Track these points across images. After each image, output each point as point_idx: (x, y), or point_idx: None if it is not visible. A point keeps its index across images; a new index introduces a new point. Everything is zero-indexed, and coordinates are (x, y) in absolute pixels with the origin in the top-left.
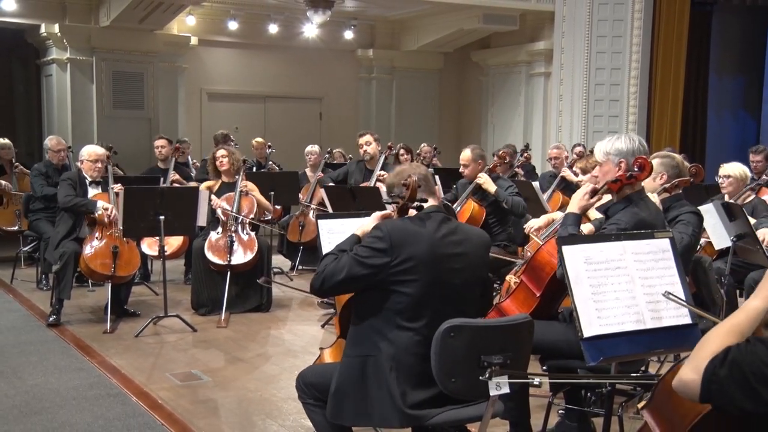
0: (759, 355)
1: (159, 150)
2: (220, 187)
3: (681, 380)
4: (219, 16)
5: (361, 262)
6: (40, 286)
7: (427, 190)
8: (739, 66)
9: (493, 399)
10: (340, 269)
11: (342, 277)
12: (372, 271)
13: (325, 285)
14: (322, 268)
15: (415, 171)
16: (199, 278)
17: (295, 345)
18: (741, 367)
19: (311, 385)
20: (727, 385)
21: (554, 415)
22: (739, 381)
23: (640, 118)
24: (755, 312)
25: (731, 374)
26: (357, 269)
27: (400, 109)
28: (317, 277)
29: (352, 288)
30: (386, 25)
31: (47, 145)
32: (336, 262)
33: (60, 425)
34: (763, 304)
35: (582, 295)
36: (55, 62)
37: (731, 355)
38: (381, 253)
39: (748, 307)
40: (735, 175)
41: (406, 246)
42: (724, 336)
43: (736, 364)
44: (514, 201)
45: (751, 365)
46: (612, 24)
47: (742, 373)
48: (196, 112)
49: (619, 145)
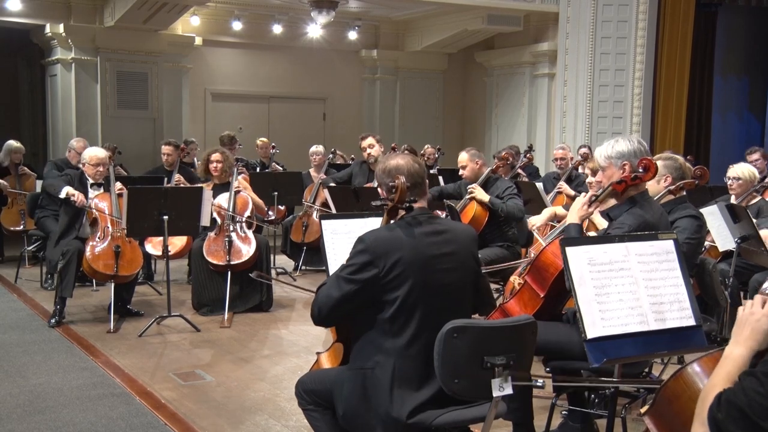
0: (751, 388)
1: (165, 157)
2: (214, 188)
3: None
4: (223, 16)
5: (350, 279)
6: (44, 286)
7: (418, 190)
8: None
9: (497, 400)
10: (332, 293)
11: (335, 299)
12: (363, 286)
13: (323, 312)
14: (316, 297)
15: (404, 168)
16: (199, 279)
17: (298, 345)
18: (736, 404)
19: (310, 391)
20: (728, 426)
21: (557, 416)
22: (738, 419)
23: (645, 119)
24: (742, 360)
25: (729, 415)
26: (348, 287)
27: (403, 110)
28: (314, 306)
29: (348, 308)
30: (390, 26)
31: (73, 145)
32: (326, 289)
33: (63, 424)
34: (748, 351)
35: (585, 296)
36: (60, 62)
37: (724, 396)
38: (368, 266)
39: (734, 356)
40: (744, 176)
41: (391, 253)
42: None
43: (731, 403)
44: (509, 208)
45: (743, 400)
46: (616, 25)
47: (739, 410)
48: (201, 113)
49: (620, 148)
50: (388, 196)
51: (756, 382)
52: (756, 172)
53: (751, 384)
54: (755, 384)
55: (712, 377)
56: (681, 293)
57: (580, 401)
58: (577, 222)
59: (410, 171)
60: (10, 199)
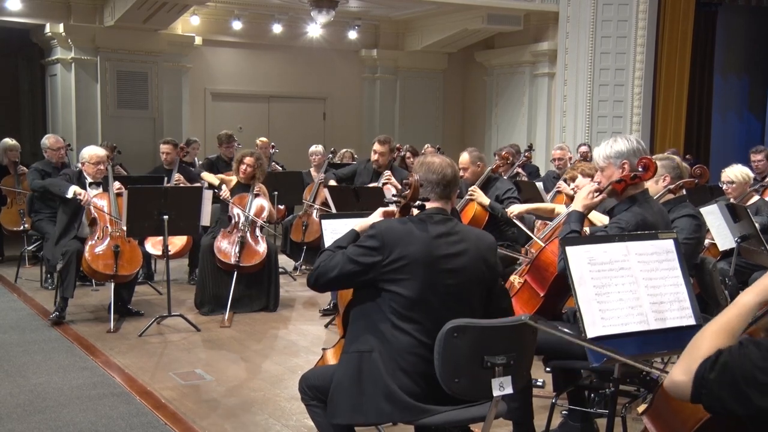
0: (751, 358)
1: (164, 156)
2: (236, 187)
3: (672, 381)
4: (223, 15)
5: (353, 260)
6: (44, 285)
7: (434, 191)
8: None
9: (497, 399)
10: (333, 266)
11: (334, 274)
12: (363, 268)
13: (320, 281)
14: (317, 264)
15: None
16: (204, 276)
17: (299, 345)
18: (732, 371)
19: (314, 387)
20: (717, 389)
21: (557, 415)
22: (729, 385)
23: (645, 118)
24: (746, 308)
25: (721, 379)
26: (349, 267)
27: (403, 109)
28: (312, 272)
29: (345, 285)
30: (390, 26)
31: (45, 144)
32: (330, 259)
33: (64, 424)
34: (755, 299)
35: (586, 295)
36: (60, 62)
37: (722, 359)
38: (373, 251)
39: (740, 302)
40: (738, 179)
41: (398, 245)
42: (715, 336)
43: (727, 368)
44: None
45: (741, 369)
46: (616, 24)
47: (732, 377)
48: (201, 112)
49: (618, 148)
50: (402, 193)
51: (758, 355)
52: (749, 173)
53: (752, 354)
54: (756, 356)
55: (711, 322)
56: (681, 292)
57: (581, 400)
58: (581, 210)
59: (440, 171)
60: (10, 199)
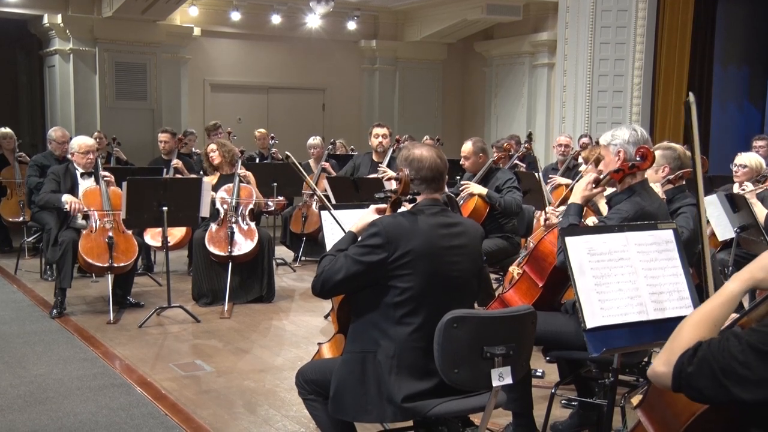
0: (731, 351)
1: (162, 144)
2: (219, 180)
3: (654, 372)
4: (222, 6)
5: (358, 260)
6: (44, 277)
7: (425, 184)
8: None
9: (496, 390)
10: (338, 269)
11: (341, 277)
12: (370, 268)
13: (326, 287)
14: (321, 270)
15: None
16: (199, 269)
17: (298, 336)
18: (709, 364)
19: (311, 381)
20: (695, 381)
21: (557, 405)
22: (708, 377)
23: (644, 108)
24: (731, 296)
25: (699, 372)
26: (355, 268)
27: (403, 100)
28: (317, 279)
29: (352, 287)
30: (389, 16)
31: (51, 136)
32: (333, 263)
33: (64, 415)
34: (740, 286)
35: (585, 286)
36: (58, 53)
37: (700, 352)
38: (378, 249)
39: (725, 291)
40: (751, 164)
41: (402, 241)
42: (696, 327)
43: (705, 361)
44: (506, 202)
45: (720, 362)
46: (616, 14)
47: (711, 370)
48: (199, 103)
49: (618, 134)
50: (392, 188)
51: (738, 348)
52: (763, 163)
53: (732, 347)
54: (737, 349)
55: (694, 312)
56: (680, 283)
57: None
58: (579, 202)
59: (431, 164)
60: (10, 190)
